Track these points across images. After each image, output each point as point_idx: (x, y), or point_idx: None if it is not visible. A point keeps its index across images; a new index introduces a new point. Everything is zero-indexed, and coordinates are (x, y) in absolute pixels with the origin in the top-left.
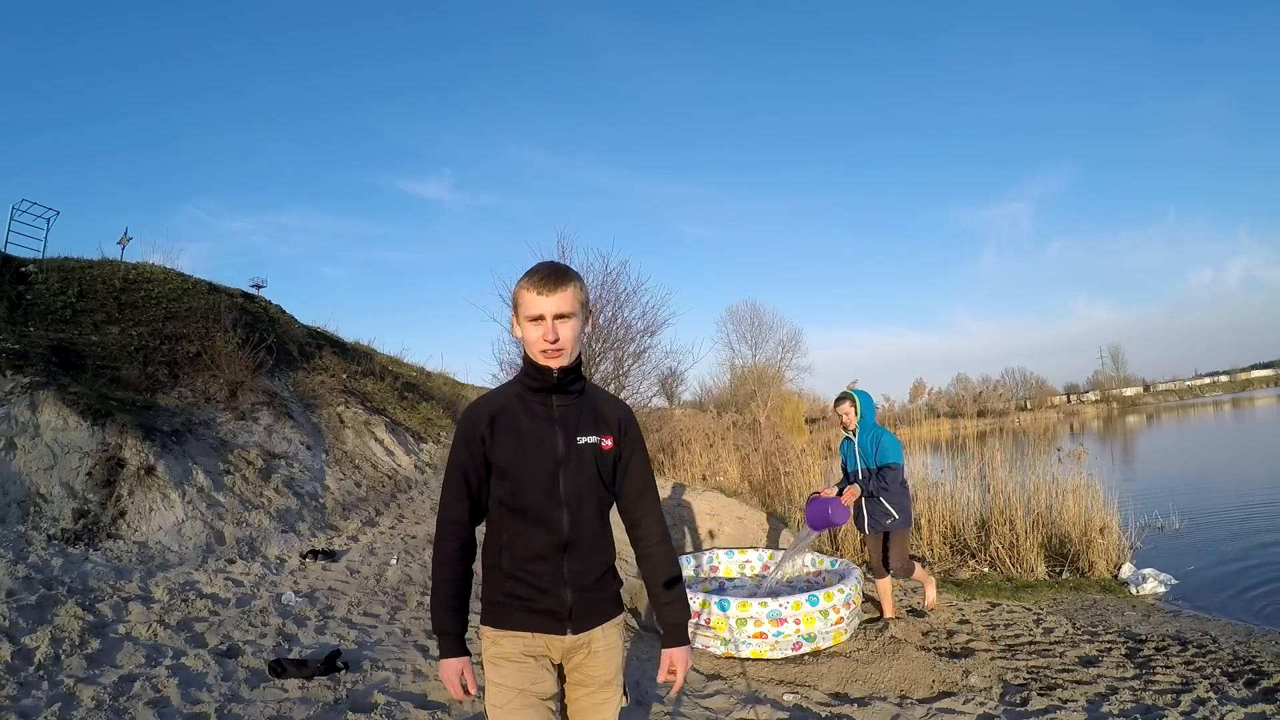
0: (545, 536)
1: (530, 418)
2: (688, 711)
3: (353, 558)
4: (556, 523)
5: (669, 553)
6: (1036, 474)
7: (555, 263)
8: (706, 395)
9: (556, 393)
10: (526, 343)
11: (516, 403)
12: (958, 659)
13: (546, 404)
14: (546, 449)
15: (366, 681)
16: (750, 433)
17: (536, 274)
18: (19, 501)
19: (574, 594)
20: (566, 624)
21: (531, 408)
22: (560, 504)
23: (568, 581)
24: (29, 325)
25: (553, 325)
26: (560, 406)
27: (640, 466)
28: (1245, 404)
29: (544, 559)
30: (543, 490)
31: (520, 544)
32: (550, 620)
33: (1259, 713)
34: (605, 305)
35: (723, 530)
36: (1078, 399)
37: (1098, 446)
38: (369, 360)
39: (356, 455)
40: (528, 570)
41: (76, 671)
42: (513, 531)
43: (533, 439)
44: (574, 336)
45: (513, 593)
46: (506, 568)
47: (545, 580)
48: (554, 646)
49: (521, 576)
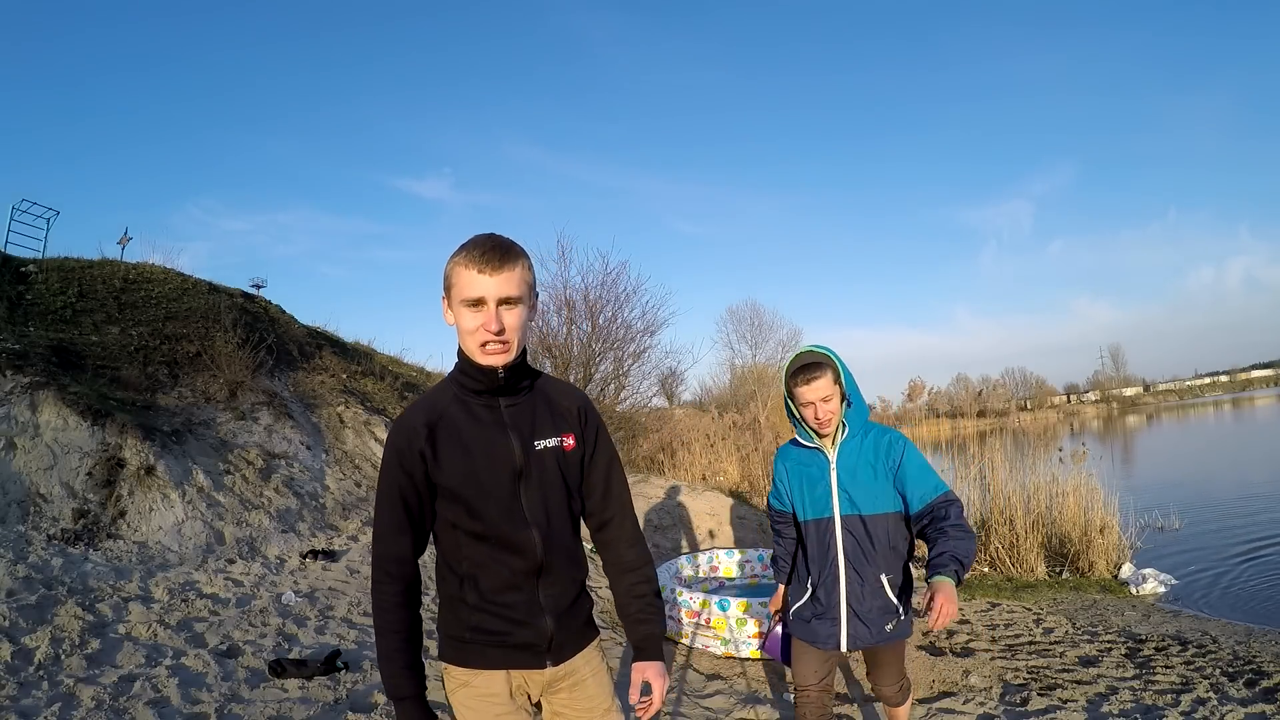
0: (515, 562)
1: (476, 425)
2: (688, 711)
3: (353, 558)
4: (526, 546)
5: (644, 555)
6: (1036, 474)
7: (498, 235)
8: (706, 395)
9: (504, 394)
10: (462, 333)
11: (457, 408)
12: (958, 659)
13: (493, 406)
14: (501, 461)
15: (366, 681)
16: (750, 433)
17: (476, 248)
18: (19, 501)
19: (553, 621)
20: (546, 656)
21: (476, 413)
22: (527, 524)
23: (545, 609)
24: (29, 325)
25: (496, 313)
26: (509, 408)
27: (606, 460)
28: (1245, 404)
29: (516, 588)
30: (502, 510)
31: (487, 574)
32: (527, 655)
33: (1259, 713)
34: (605, 305)
35: (723, 530)
36: (1078, 399)
37: (1098, 446)
38: (369, 360)
39: (356, 455)
40: (498, 602)
41: (76, 671)
42: (474, 560)
43: (482, 451)
44: (520, 326)
45: (482, 627)
46: (472, 601)
47: (520, 611)
48: (532, 682)
49: (492, 610)
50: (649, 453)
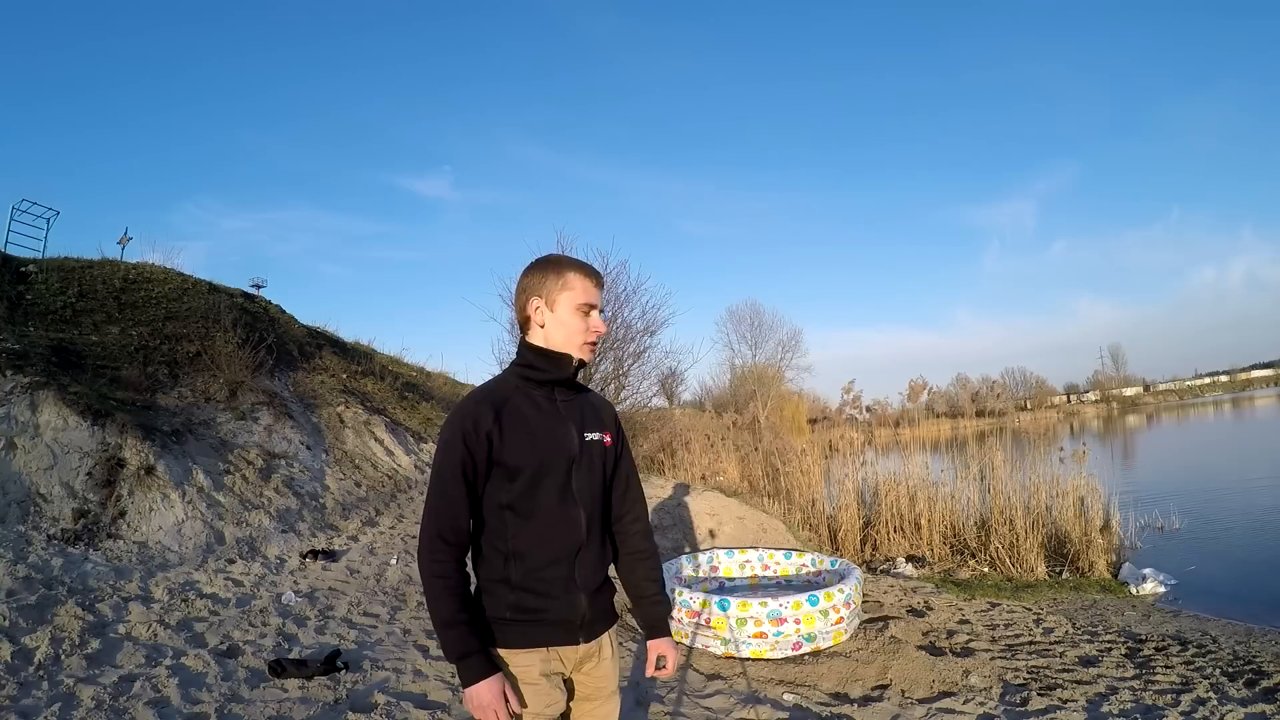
0: (561, 540)
1: (539, 413)
2: (688, 711)
3: (353, 558)
4: (574, 524)
5: (655, 547)
6: (1036, 474)
7: None
8: (706, 395)
9: (563, 386)
10: (566, 330)
11: (520, 397)
12: (958, 659)
13: (551, 399)
14: (561, 445)
15: (366, 681)
16: (750, 433)
17: (584, 264)
18: (19, 501)
19: (587, 599)
20: (579, 632)
21: (537, 402)
22: (576, 503)
23: (580, 586)
24: (29, 325)
25: (599, 319)
26: (564, 402)
27: (629, 463)
28: (1245, 404)
29: (558, 563)
30: (558, 489)
31: (533, 551)
32: (563, 631)
33: (1259, 713)
34: (605, 305)
35: (723, 530)
36: (1078, 399)
37: (1098, 447)
38: (369, 360)
39: (356, 455)
40: (539, 578)
41: (76, 671)
42: (522, 537)
43: (546, 435)
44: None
45: (520, 605)
46: (516, 578)
47: (558, 587)
48: (567, 659)
49: (531, 586)
50: (649, 453)
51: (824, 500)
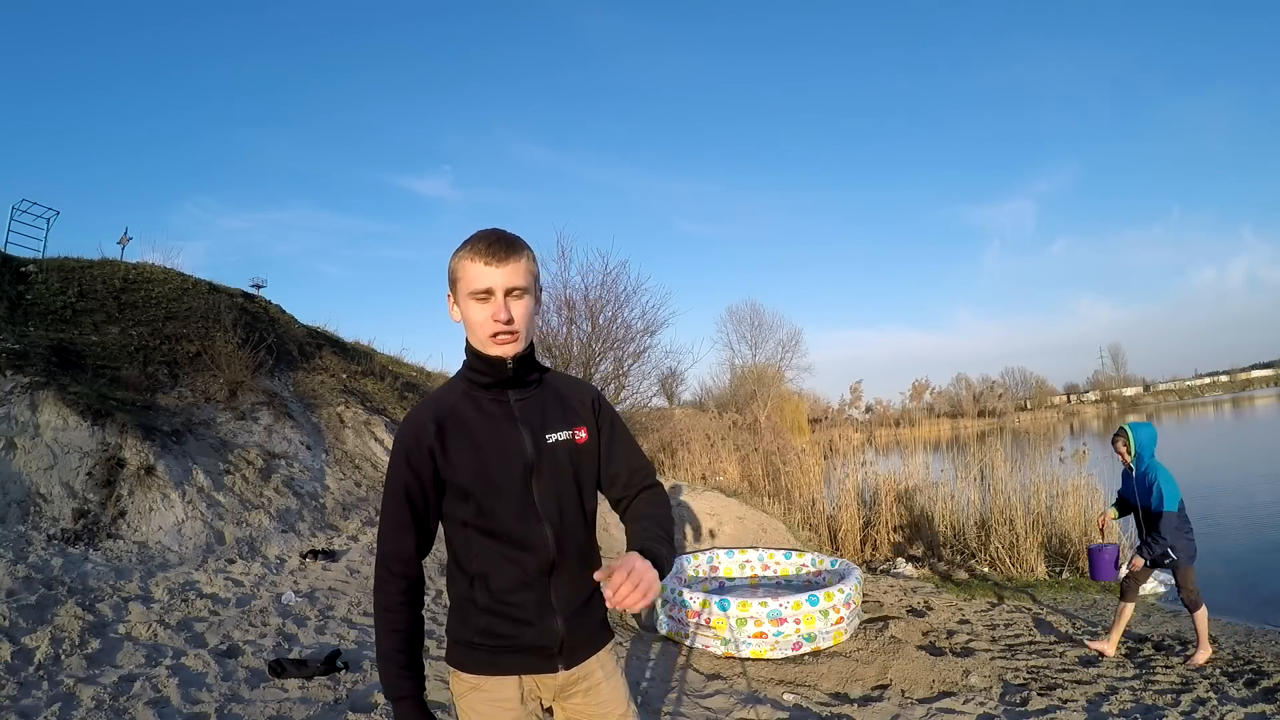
0: (527, 560)
1: (486, 420)
2: (688, 711)
3: (353, 558)
4: (538, 542)
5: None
6: (1036, 474)
7: (502, 229)
8: (706, 395)
9: (513, 386)
10: (470, 326)
11: (466, 404)
12: (958, 659)
13: (502, 400)
14: (512, 455)
15: (366, 681)
16: (750, 433)
17: (481, 241)
18: (19, 501)
19: (564, 623)
20: (557, 659)
21: (485, 408)
22: (539, 519)
23: (556, 609)
24: (29, 325)
25: (504, 303)
26: (519, 402)
27: (626, 447)
28: (1245, 404)
29: (528, 587)
30: (515, 506)
31: (499, 573)
32: (538, 658)
33: (1259, 713)
34: (605, 305)
35: (723, 530)
36: (1078, 399)
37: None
38: (369, 360)
39: (356, 455)
40: (508, 602)
41: (76, 671)
42: (486, 559)
43: (493, 446)
44: (528, 316)
45: (490, 630)
46: (482, 601)
47: (530, 612)
48: (544, 687)
49: (501, 611)
50: (649, 453)
51: (824, 500)
